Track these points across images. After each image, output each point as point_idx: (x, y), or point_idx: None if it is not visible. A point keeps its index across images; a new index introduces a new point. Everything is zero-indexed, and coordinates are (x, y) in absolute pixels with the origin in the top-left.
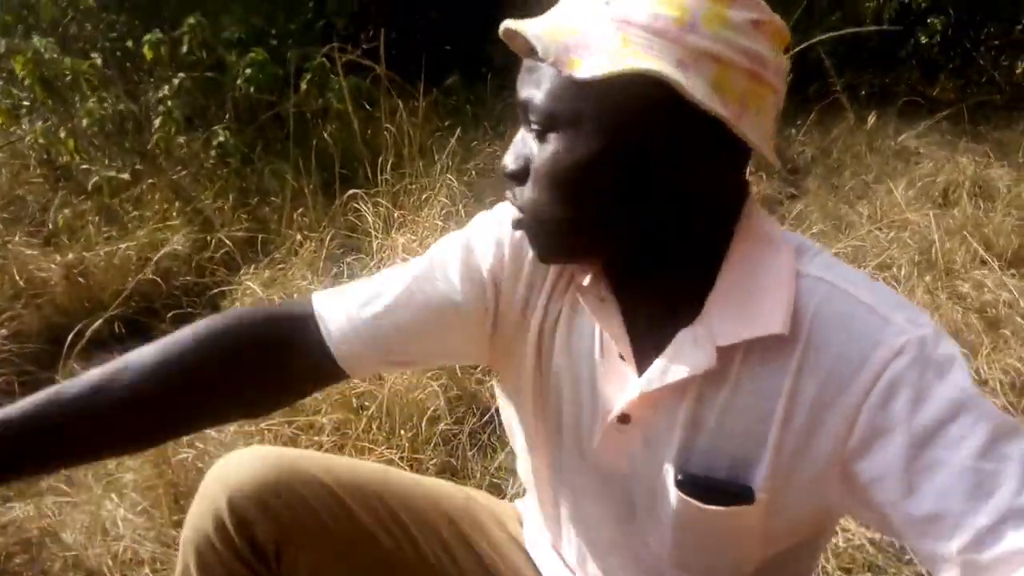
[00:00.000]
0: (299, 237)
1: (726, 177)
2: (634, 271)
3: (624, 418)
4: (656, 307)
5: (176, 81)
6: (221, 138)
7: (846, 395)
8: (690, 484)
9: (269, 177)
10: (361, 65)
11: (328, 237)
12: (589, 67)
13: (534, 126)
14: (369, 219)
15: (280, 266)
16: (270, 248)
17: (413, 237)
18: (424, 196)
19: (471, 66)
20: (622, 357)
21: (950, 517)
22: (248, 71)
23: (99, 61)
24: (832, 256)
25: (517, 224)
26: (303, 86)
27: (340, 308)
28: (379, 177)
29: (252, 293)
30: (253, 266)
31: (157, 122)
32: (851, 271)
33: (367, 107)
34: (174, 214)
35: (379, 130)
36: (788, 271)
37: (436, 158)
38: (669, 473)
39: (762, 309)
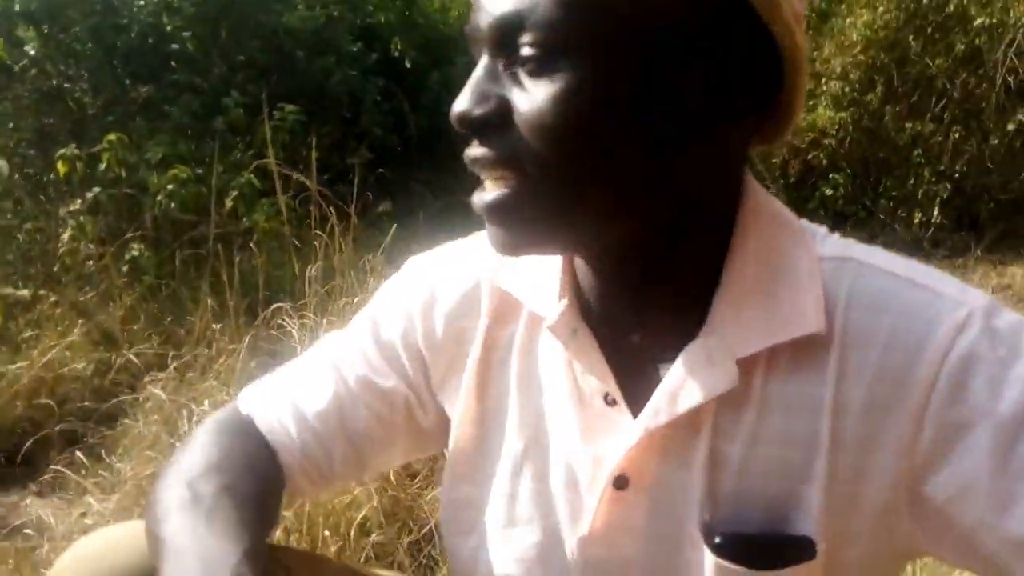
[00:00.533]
0: (214, 352)
1: (740, 130)
2: (619, 278)
3: (621, 481)
4: (647, 326)
5: (90, 195)
6: (135, 253)
7: (906, 391)
8: (732, 546)
9: (186, 295)
10: (291, 184)
11: (243, 350)
12: None
13: (527, 52)
14: (295, 333)
15: (188, 380)
16: (182, 367)
17: None
18: (356, 301)
19: (403, 199)
20: (608, 400)
21: None
22: (170, 187)
23: (4, 171)
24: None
25: (485, 201)
26: (228, 204)
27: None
28: (307, 289)
29: (156, 408)
30: (161, 375)
31: (66, 237)
32: (874, 248)
33: (297, 224)
34: (75, 333)
35: (309, 246)
36: (810, 255)
37: (368, 273)
38: (697, 540)
39: (788, 305)
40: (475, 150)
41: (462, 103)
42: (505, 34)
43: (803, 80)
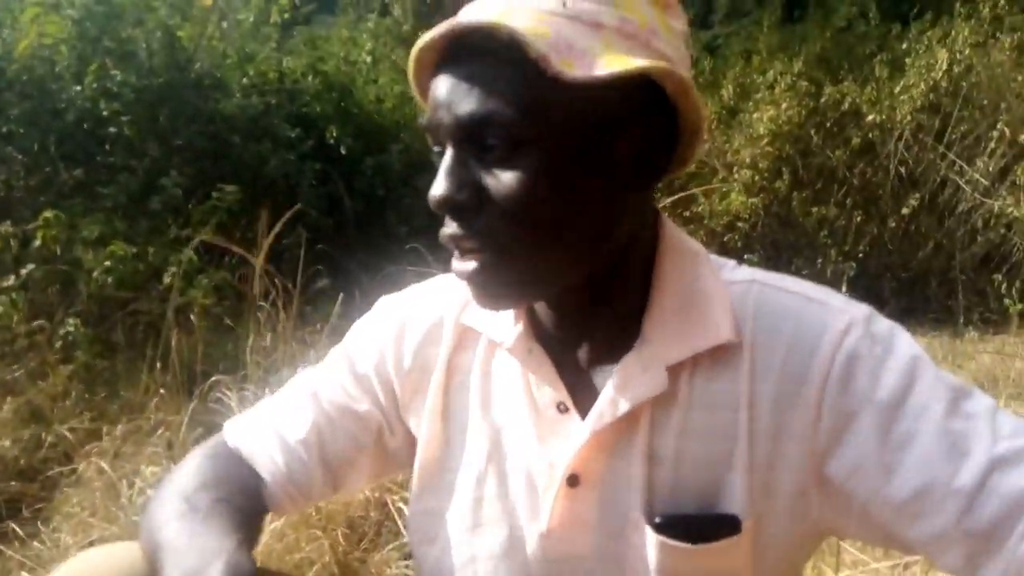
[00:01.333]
0: (152, 424)
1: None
2: (568, 307)
3: (573, 479)
4: (591, 345)
5: (24, 272)
6: (70, 328)
7: (805, 386)
8: (670, 525)
9: (122, 371)
10: (230, 262)
11: (183, 425)
12: (586, 67)
13: (493, 143)
14: (234, 406)
15: (124, 454)
16: (119, 438)
17: None
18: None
19: (341, 278)
20: (560, 408)
21: (937, 486)
22: (107, 264)
23: None
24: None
25: (468, 271)
26: (167, 281)
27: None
28: (248, 361)
29: (89, 481)
30: (97, 445)
31: None
32: (773, 273)
33: (235, 302)
34: (3, 410)
35: (247, 321)
36: (719, 280)
37: (309, 347)
38: (640, 525)
39: (705, 320)
40: (453, 229)
41: (442, 189)
42: (471, 131)
43: (702, 137)
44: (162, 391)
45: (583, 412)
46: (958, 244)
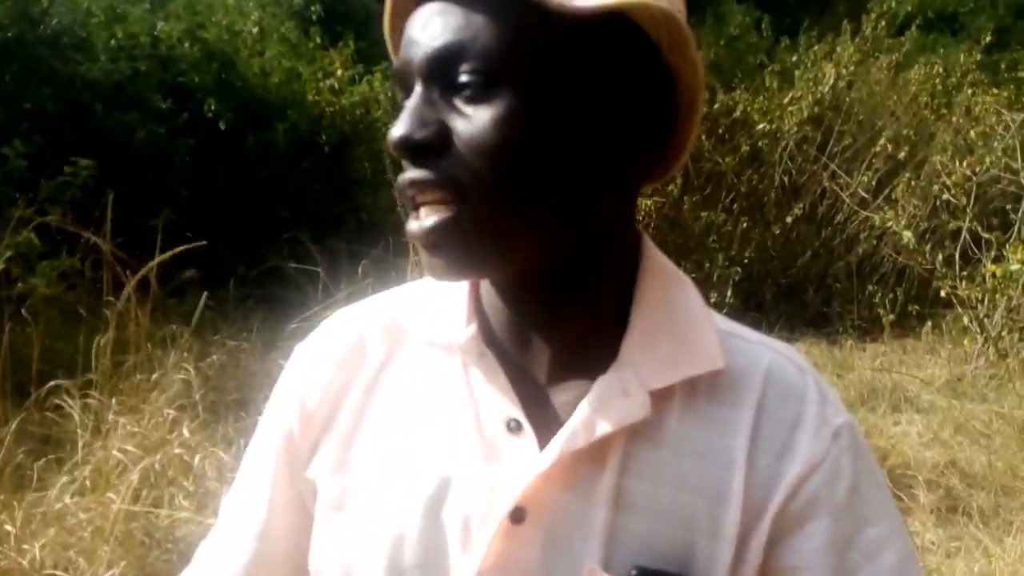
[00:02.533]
0: None
1: (641, 170)
2: (530, 309)
3: (518, 514)
4: (554, 359)
5: None
6: None
7: (791, 465)
8: None
9: None
10: (80, 245)
11: (10, 435)
12: None
13: (465, 79)
14: (76, 415)
15: None
16: None
17: (135, 428)
18: (153, 379)
19: (212, 266)
20: (511, 426)
21: None
22: None
23: None
24: None
25: (427, 226)
26: (1, 265)
27: None
28: (93, 364)
29: None
30: None
31: None
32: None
33: (86, 291)
34: None
35: (98, 315)
36: (704, 309)
37: (170, 346)
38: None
39: (694, 343)
40: (414, 172)
41: (402, 127)
42: (443, 63)
43: (697, 119)
44: None
45: (540, 436)
46: (835, 253)
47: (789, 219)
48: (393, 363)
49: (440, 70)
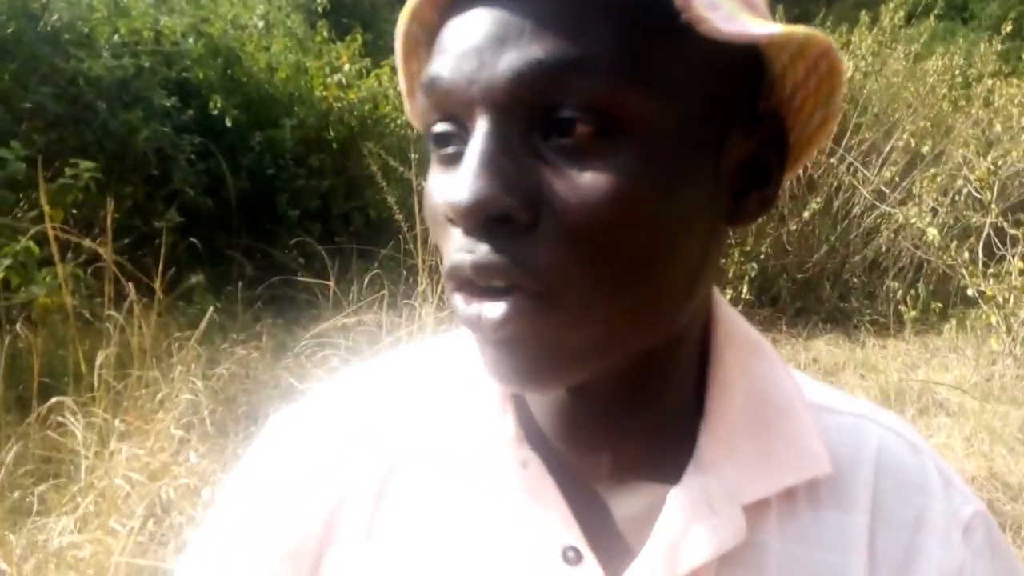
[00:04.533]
0: None
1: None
2: (591, 401)
3: None
4: (614, 458)
5: None
6: None
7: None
8: None
9: None
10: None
11: (11, 457)
12: (723, 21)
13: (571, 116)
14: (78, 434)
15: None
16: None
17: (140, 450)
18: (159, 398)
19: (219, 270)
20: (569, 557)
21: None
22: None
23: None
24: None
25: (500, 316)
26: (0, 274)
27: None
28: (96, 380)
29: None
30: None
31: None
32: (874, 406)
33: (88, 300)
34: None
35: (99, 326)
36: (793, 385)
37: (174, 359)
38: None
39: (790, 440)
40: (483, 254)
41: (479, 188)
42: (536, 92)
43: (795, 170)
44: None
45: (604, 563)
46: (852, 248)
47: (806, 214)
48: (402, 467)
49: (525, 104)
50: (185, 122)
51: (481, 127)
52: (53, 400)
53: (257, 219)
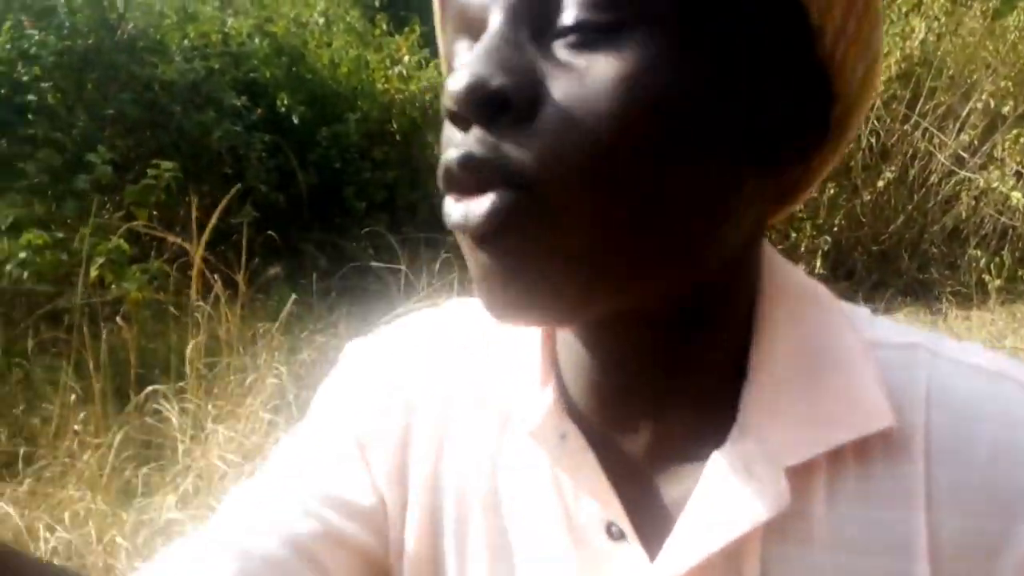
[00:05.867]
0: (76, 446)
1: (775, 184)
2: (629, 364)
3: None
4: (654, 428)
5: None
6: None
7: (1019, 526)
8: None
9: (42, 379)
10: (166, 248)
11: (115, 444)
12: None
13: (576, 17)
14: (174, 420)
15: (47, 489)
16: (34, 467)
17: (232, 434)
18: (248, 383)
19: (293, 262)
20: (612, 532)
21: None
22: (23, 255)
23: None
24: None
25: (485, 212)
26: (93, 273)
27: None
28: (187, 369)
29: (5, 519)
30: (8, 485)
31: None
32: (938, 334)
33: (175, 294)
34: None
35: (188, 318)
36: (860, 338)
37: (259, 345)
38: None
39: (840, 396)
40: (476, 143)
41: (474, 69)
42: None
43: (849, 137)
44: (82, 410)
45: (646, 539)
46: (930, 217)
47: (880, 183)
48: (456, 423)
49: (535, 3)
50: (255, 121)
51: (491, 25)
52: (149, 389)
53: (326, 212)
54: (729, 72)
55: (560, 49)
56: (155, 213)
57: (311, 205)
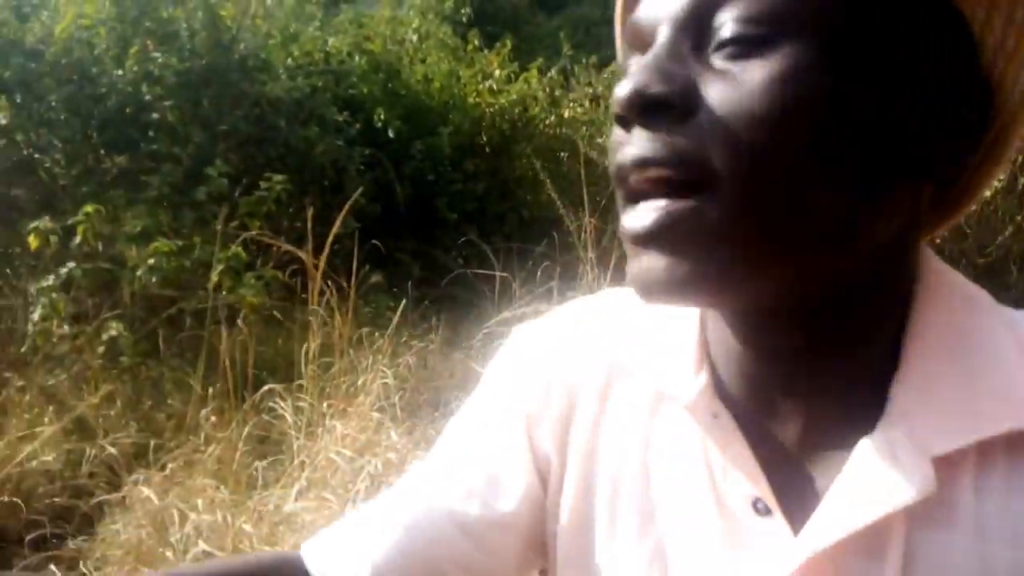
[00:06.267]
0: (201, 441)
1: (929, 190)
2: (780, 352)
3: None
4: (808, 416)
5: (64, 271)
6: (113, 332)
7: None
8: None
9: (167, 378)
10: (276, 255)
11: (240, 437)
12: None
13: (730, 31)
14: (289, 417)
15: (177, 478)
16: (164, 457)
17: (346, 431)
18: (361, 382)
19: (391, 271)
20: (759, 508)
21: None
22: (150, 262)
23: None
24: None
25: (662, 219)
26: (214, 279)
27: None
28: (301, 370)
29: (144, 503)
30: (142, 475)
31: (36, 315)
32: None
33: (284, 299)
34: (45, 421)
35: (302, 322)
36: (1014, 337)
37: (364, 350)
38: None
39: (996, 388)
40: (643, 144)
41: (635, 79)
42: (704, 11)
43: (1007, 154)
44: (205, 407)
45: (791, 516)
46: None
47: (988, 193)
48: (613, 400)
49: (697, 19)
50: (353, 135)
51: (658, 40)
52: (265, 388)
53: (418, 222)
54: (881, 78)
55: (717, 59)
56: (260, 225)
57: (408, 216)
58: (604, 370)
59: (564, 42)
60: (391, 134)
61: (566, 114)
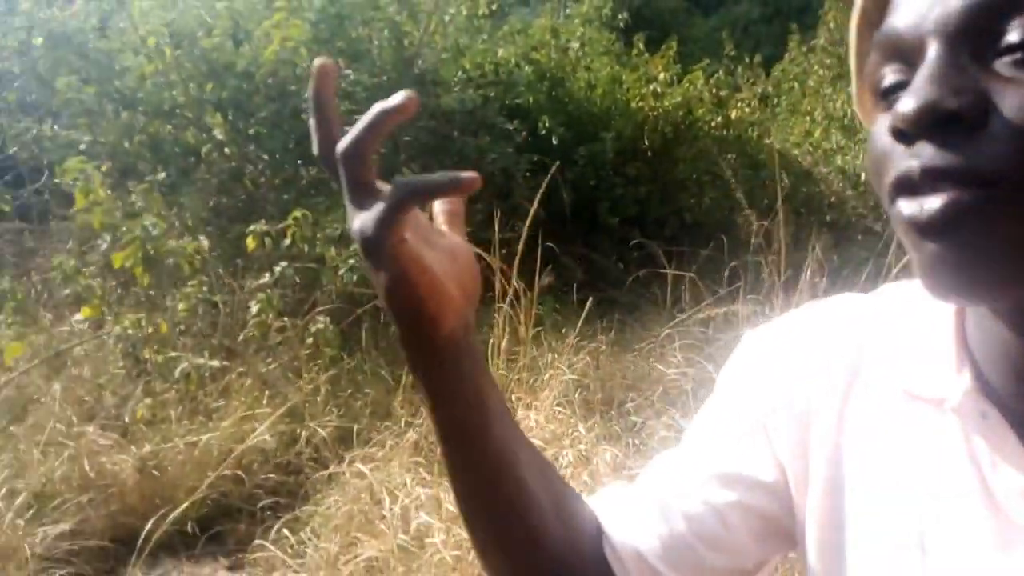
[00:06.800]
0: (401, 427)
1: None
2: None
3: None
4: None
5: (277, 270)
6: (320, 325)
7: None
8: None
9: (364, 367)
10: None
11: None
12: None
13: (1017, 38)
14: None
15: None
16: (365, 441)
17: (532, 424)
18: (547, 376)
19: (560, 272)
20: None
21: None
22: (350, 262)
23: (205, 244)
24: None
25: (944, 208)
26: None
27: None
28: (491, 363)
29: (356, 479)
30: (349, 456)
31: (254, 309)
32: None
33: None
34: (263, 404)
35: (487, 320)
36: None
37: (544, 348)
38: None
39: None
40: (931, 154)
41: (928, 92)
42: (982, 17)
43: None
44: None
45: None
46: None
47: None
48: (856, 399)
49: (976, 28)
50: (519, 142)
51: (931, 53)
52: None
53: (580, 226)
54: None
55: (1003, 66)
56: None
57: (573, 221)
58: (843, 372)
59: (727, 42)
60: (555, 141)
61: (733, 115)
